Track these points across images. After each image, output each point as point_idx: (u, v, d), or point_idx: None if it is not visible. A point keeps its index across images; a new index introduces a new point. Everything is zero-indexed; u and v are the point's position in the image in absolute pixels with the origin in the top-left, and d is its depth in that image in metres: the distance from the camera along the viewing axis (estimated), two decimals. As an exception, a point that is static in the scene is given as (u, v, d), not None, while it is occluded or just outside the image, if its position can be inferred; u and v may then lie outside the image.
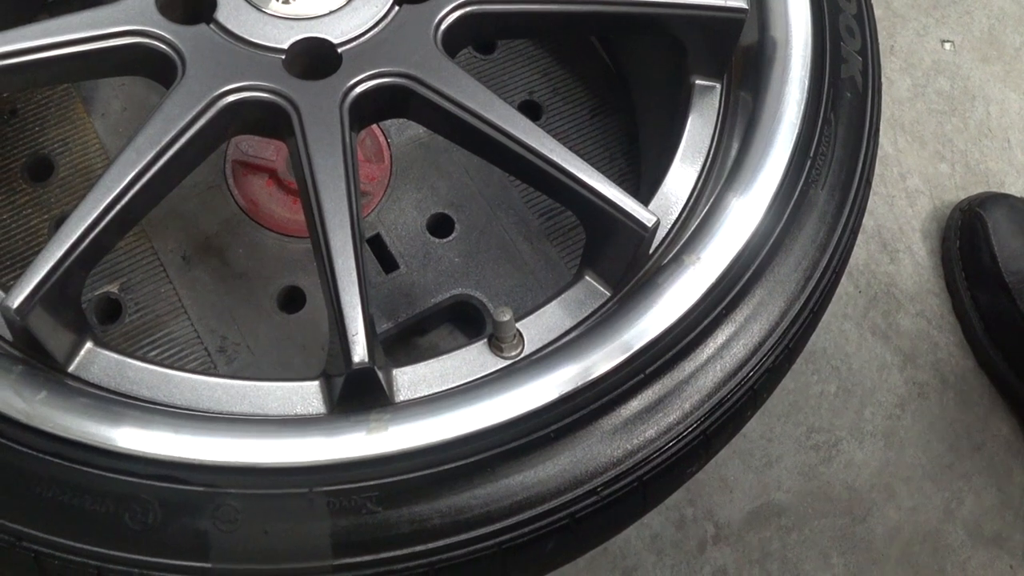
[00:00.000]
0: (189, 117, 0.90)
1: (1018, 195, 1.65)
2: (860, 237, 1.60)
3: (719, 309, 0.90)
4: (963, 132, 1.76)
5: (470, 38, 1.04)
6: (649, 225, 0.89)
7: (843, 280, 1.55)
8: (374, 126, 1.32)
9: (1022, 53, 1.85)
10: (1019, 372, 1.53)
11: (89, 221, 0.84)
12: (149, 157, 0.88)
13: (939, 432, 1.52)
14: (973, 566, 1.45)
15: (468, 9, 0.98)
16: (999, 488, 1.50)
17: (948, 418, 1.53)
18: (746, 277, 0.91)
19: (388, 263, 1.26)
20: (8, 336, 0.87)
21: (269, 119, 0.94)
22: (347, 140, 0.90)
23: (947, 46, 1.84)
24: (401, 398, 0.88)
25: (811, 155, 0.98)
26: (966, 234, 1.60)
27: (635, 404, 0.85)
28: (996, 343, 1.55)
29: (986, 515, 1.48)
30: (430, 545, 0.78)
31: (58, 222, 1.20)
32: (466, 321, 1.29)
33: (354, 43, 0.96)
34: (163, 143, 0.88)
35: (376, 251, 1.27)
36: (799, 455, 1.47)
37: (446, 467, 0.80)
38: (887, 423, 1.51)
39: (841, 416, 1.50)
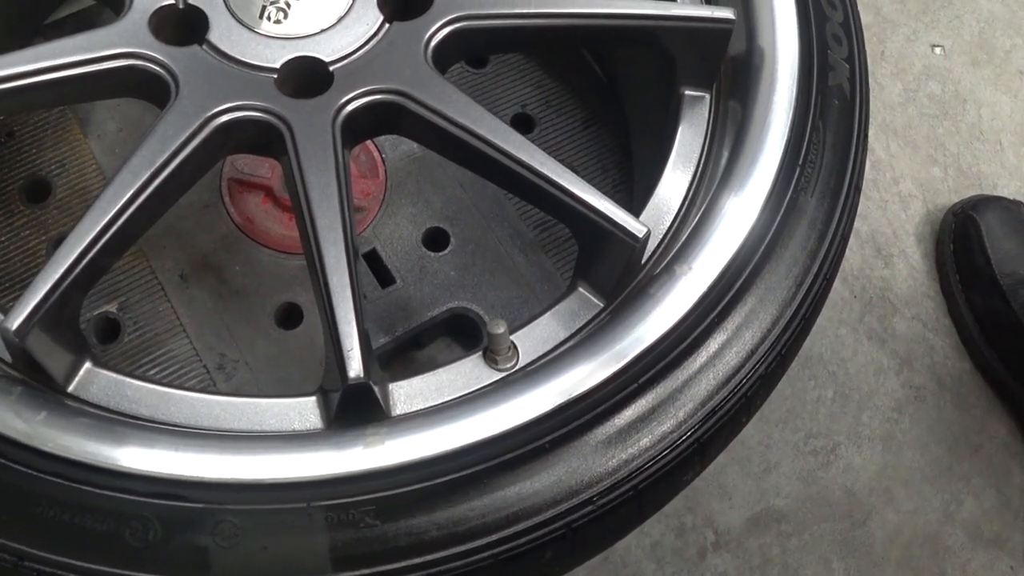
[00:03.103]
0: (183, 137, 0.90)
1: (1011, 197, 1.66)
2: (854, 242, 1.63)
3: (711, 318, 0.90)
4: (955, 136, 1.77)
5: (461, 54, 1.05)
6: (640, 236, 0.90)
7: (838, 285, 1.57)
8: (368, 142, 1.33)
9: (1012, 56, 1.86)
10: (1015, 373, 1.53)
11: (86, 242, 0.85)
12: (145, 177, 0.88)
13: (937, 435, 1.53)
14: (973, 568, 1.45)
15: (458, 25, 0.99)
16: (998, 489, 1.51)
17: (946, 421, 1.54)
18: (737, 285, 0.92)
19: (384, 278, 1.27)
20: (7, 357, 0.87)
21: (262, 138, 0.95)
22: (340, 157, 0.91)
23: (937, 51, 1.85)
24: (397, 412, 0.88)
25: (800, 163, 0.98)
26: (960, 237, 1.61)
27: (629, 413, 0.86)
28: (992, 345, 1.56)
29: (985, 516, 1.49)
30: (428, 557, 0.79)
31: (56, 243, 1.21)
32: (463, 334, 1.29)
33: (345, 61, 0.97)
34: (158, 163, 0.89)
35: (372, 266, 1.27)
36: (797, 461, 1.47)
37: (443, 479, 0.81)
38: (885, 427, 1.52)
39: (839, 421, 1.51)
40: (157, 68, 0.94)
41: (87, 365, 0.90)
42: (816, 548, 1.42)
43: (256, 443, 0.84)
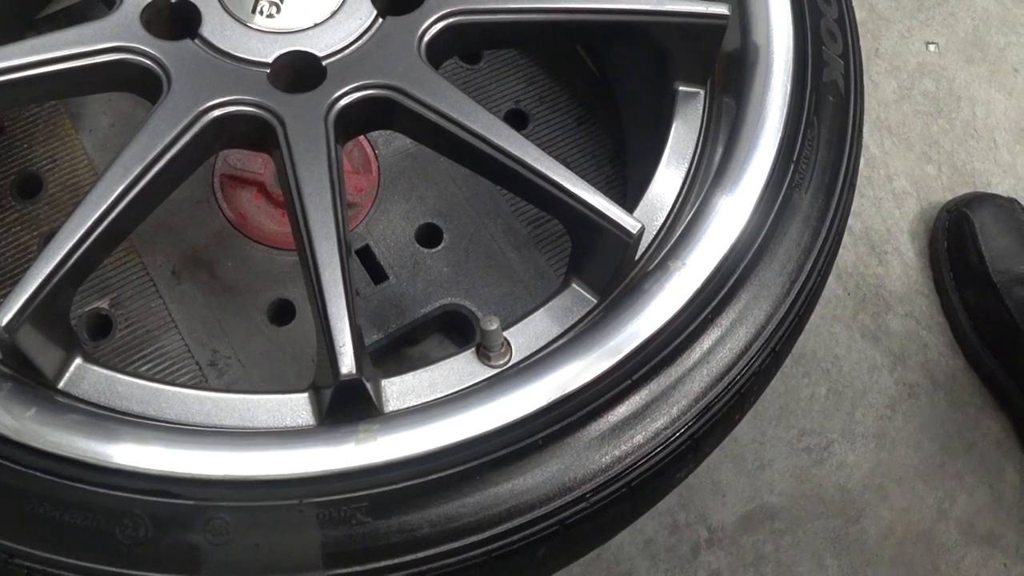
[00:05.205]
0: (175, 132, 0.90)
1: (1004, 195, 1.66)
2: (848, 239, 1.62)
3: (705, 314, 0.90)
4: (949, 133, 1.77)
5: (454, 49, 1.05)
6: (634, 232, 0.89)
7: (832, 282, 1.57)
8: (362, 137, 1.32)
9: (1006, 53, 1.86)
10: (1009, 370, 1.53)
11: (77, 237, 0.85)
12: (136, 172, 0.88)
13: (930, 432, 1.53)
14: (967, 565, 1.46)
15: (452, 20, 0.98)
16: (991, 487, 1.51)
17: (939, 418, 1.54)
18: (731, 282, 0.92)
19: (377, 274, 1.26)
20: (-3, 353, 0.87)
21: (255, 133, 0.94)
22: (332, 152, 0.91)
23: (932, 48, 1.85)
24: (390, 408, 0.88)
25: (794, 159, 0.98)
26: (953, 234, 1.61)
27: (623, 410, 0.85)
28: (985, 342, 1.56)
29: (979, 514, 1.49)
30: (420, 554, 0.79)
31: (47, 239, 1.20)
32: (456, 330, 1.29)
33: (338, 56, 0.96)
34: (150, 158, 0.89)
35: (365, 262, 1.27)
36: (791, 458, 1.47)
37: (435, 476, 0.80)
38: (878, 424, 1.52)
39: (832, 418, 1.51)
40: (149, 62, 0.94)
41: (78, 361, 0.90)
42: (809, 545, 1.42)
43: (248, 440, 0.84)
